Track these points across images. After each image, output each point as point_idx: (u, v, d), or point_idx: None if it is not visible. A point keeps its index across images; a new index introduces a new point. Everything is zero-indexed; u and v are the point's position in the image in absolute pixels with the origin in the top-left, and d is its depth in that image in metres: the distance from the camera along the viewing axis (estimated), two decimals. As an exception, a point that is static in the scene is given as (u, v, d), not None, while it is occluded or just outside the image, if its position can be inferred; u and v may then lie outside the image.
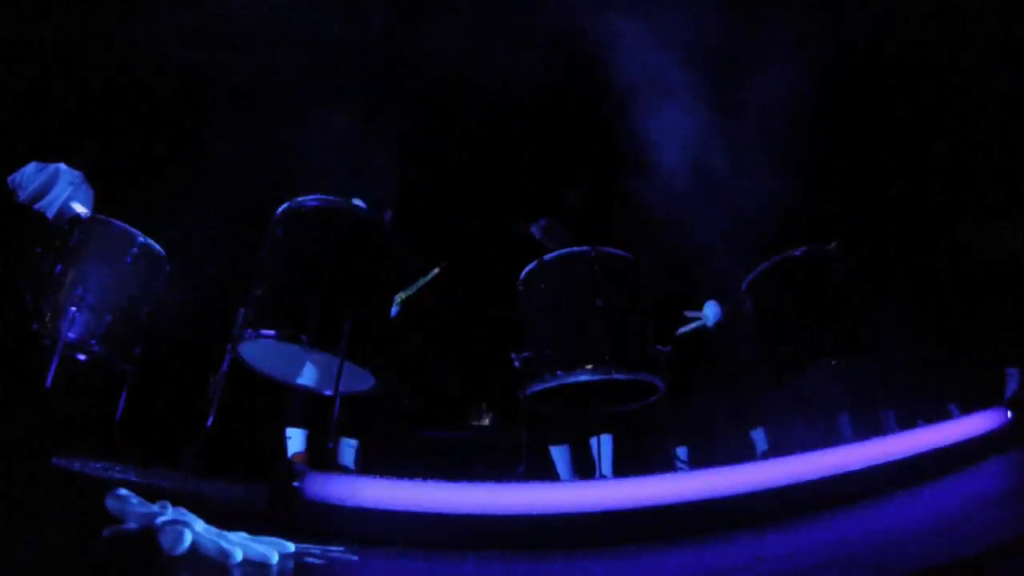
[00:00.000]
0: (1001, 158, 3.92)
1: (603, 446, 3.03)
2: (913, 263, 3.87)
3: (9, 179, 3.10)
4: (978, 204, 3.89)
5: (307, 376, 2.67)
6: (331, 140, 3.61)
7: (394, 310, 3.37)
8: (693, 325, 3.57)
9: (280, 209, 2.65)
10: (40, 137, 3.40)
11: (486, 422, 4.76)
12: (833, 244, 3.17)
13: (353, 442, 3.03)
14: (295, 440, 2.87)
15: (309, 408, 2.87)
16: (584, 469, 3.11)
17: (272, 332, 2.34)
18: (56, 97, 3.66)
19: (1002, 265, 3.61)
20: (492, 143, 4.45)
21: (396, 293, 3.39)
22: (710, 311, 3.55)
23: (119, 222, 3.05)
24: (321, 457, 2.50)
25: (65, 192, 3.12)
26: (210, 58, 3.70)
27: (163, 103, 4.03)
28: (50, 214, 3.10)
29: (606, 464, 3.01)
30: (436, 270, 3.53)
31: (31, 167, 3.13)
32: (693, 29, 3.68)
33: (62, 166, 3.19)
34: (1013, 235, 3.63)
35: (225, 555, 1.28)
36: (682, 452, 3.35)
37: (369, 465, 3.04)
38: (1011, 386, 3.34)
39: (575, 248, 2.88)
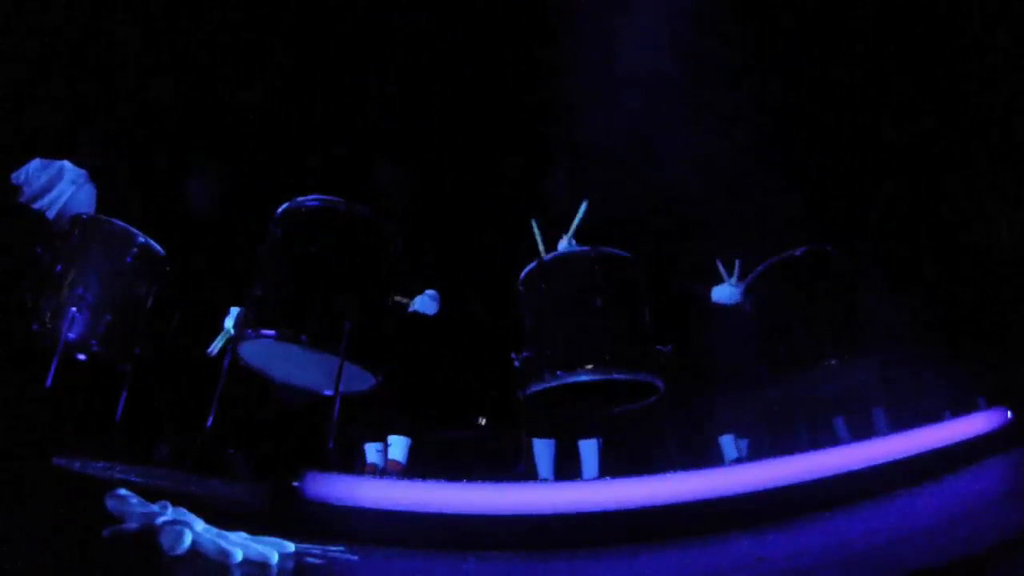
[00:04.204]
0: (1003, 157, 3.92)
1: (588, 450, 2.99)
2: (913, 263, 3.87)
3: (13, 176, 3.08)
4: (977, 202, 3.89)
5: (307, 376, 2.67)
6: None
7: None
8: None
9: (280, 209, 2.66)
10: (41, 133, 3.37)
11: (486, 422, 4.75)
12: (838, 251, 3.15)
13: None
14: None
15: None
16: (567, 469, 3.06)
17: (272, 332, 2.34)
18: (57, 92, 3.64)
19: (999, 265, 3.60)
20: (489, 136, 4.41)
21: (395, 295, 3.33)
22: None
23: (119, 222, 3.04)
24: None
25: (67, 192, 3.11)
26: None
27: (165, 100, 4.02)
28: (51, 214, 3.08)
29: (591, 468, 2.97)
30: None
31: (35, 163, 3.10)
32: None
33: (67, 163, 3.17)
34: (1010, 232, 3.62)
35: (225, 555, 1.28)
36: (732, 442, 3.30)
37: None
38: None
39: (575, 248, 2.87)
